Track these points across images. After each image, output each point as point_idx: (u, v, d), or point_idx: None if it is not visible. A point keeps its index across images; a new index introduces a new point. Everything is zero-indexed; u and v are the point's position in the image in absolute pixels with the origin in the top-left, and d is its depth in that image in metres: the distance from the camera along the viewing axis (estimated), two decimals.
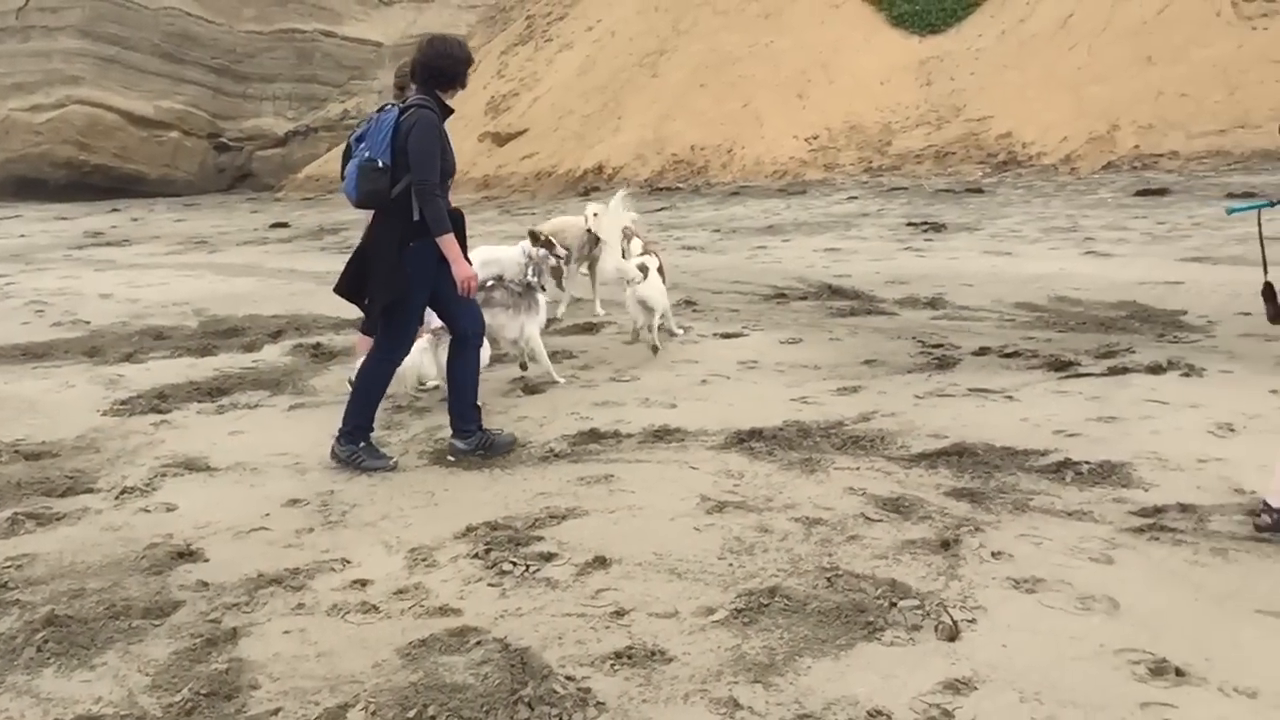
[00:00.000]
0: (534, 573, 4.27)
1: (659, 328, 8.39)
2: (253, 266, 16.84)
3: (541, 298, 7.46)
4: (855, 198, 21.46)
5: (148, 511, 5.27)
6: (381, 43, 51.21)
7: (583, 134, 30.73)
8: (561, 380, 7.53)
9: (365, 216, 6.07)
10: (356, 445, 5.82)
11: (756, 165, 26.68)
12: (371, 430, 5.90)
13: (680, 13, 33.13)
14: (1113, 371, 6.99)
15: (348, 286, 6.00)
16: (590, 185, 27.84)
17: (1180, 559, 4.10)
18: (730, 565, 4.25)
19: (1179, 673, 3.25)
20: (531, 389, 7.43)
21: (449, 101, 5.79)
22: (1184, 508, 4.59)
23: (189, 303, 12.41)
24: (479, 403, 6.01)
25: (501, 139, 31.10)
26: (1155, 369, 6.96)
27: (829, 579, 4.04)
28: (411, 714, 3.24)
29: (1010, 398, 6.56)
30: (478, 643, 3.68)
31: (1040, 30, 26.39)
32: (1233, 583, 3.87)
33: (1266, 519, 4.27)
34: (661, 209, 22.90)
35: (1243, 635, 3.49)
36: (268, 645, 3.77)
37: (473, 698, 3.30)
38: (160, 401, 7.43)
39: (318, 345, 9.32)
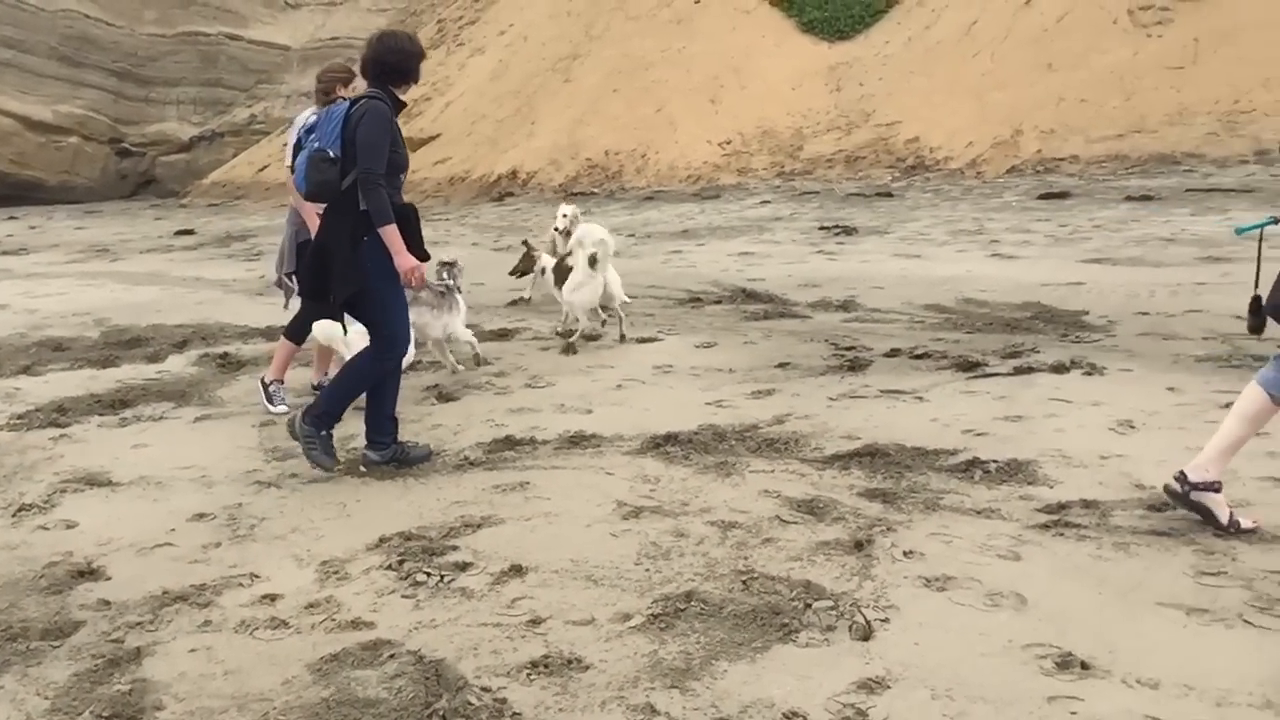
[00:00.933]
0: (449, 583, 4.22)
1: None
2: (157, 275, 16.44)
3: (460, 298, 7.86)
4: (768, 202, 21.69)
5: (46, 529, 5.09)
6: (289, 46, 50.37)
7: (496, 139, 30.59)
8: (492, 362, 7.92)
9: (268, 223, 5.94)
10: (318, 432, 5.65)
11: (670, 170, 26.82)
12: (337, 423, 5.75)
13: (592, 17, 33.18)
14: (1018, 371, 7.15)
15: (310, 287, 5.87)
16: (504, 190, 27.72)
17: (1084, 554, 4.20)
18: (647, 570, 4.25)
19: (1084, 666, 3.32)
20: (446, 396, 7.36)
21: (402, 96, 5.71)
22: (1087, 504, 4.71)
23: (90, 313, 12.07)
24: (396, 414, 5.92)
25: (414, 144, 30.74)
26: (1059, 368, 7.14)
27: (745, 582, 4.05)
28: None
29: (920, 398, 6.67)
30: (391, 656, 3.62)
31: (945, 37, 26.98)
32: (1135, 576, 3.98)
33: (1176, 487, 4.41)
34: None
35: (1144, 627, 3.58)
36: (173, 664, 3.66)
37: (386, 712, 3.24)
38: (59, 415, 7.19)
39: (225, 355, 9.12)
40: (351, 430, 6.51)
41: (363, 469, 5.77)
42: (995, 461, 5.30)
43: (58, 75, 45.70)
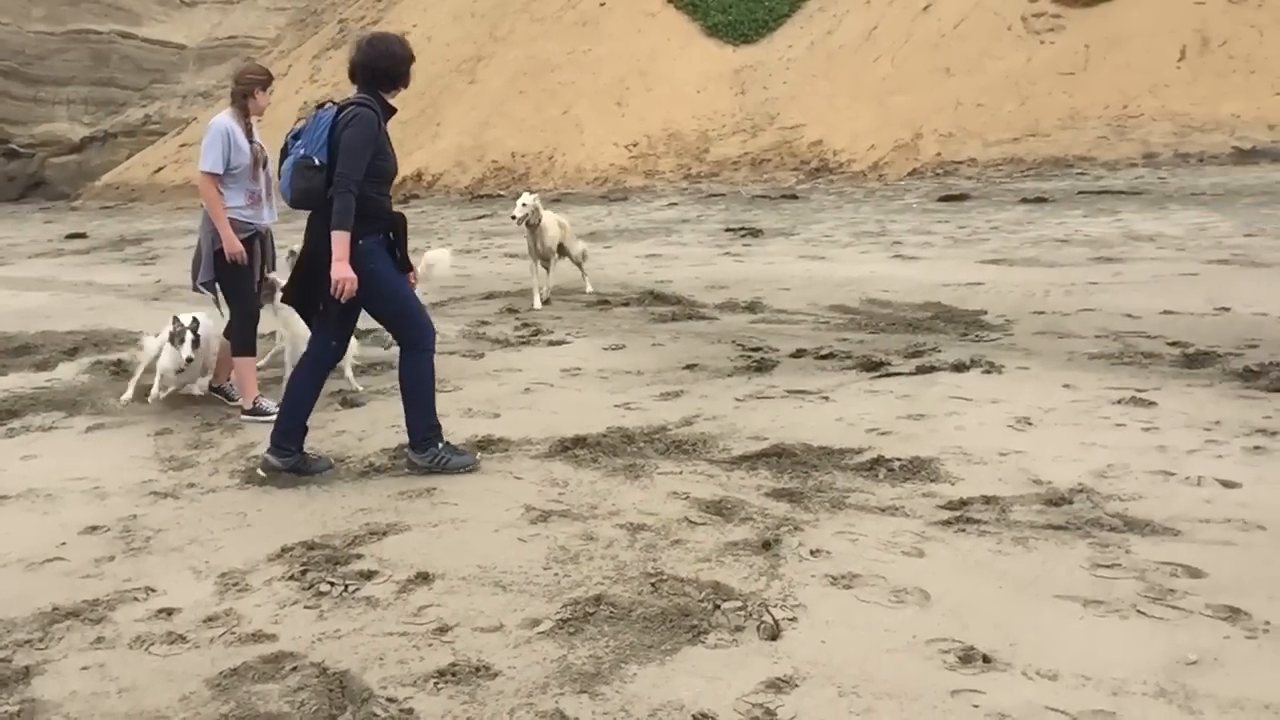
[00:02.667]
0: (353, 592, 4.14)
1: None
2: (46, 280, 15.88)
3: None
4: (675, 204, 21.80)
5: None
6: (185, 45, 49.14)
7: (401, 141, 30.10)
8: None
9: (164, 226, 5.77)
10: (436, 448, 5.59)
11: (578, 172, 26.82)
12: (439, 431, 5.68)
13: (497, 19, 33.01)
14: (920, 370, 7.29)
15: (299, 296, 5.72)
16: (409, 193, 27.40)
17: (985, 549, 4.28)
18: (556, 575, 4.22)
19: (986, 659, 3.38)
20: (350, 402, 7.24)
21: (392, 102, 5.60)
22: (987, 499, 4.80)
23: None
24: (308, 424, 5.77)
25: None
26: (959, 367, 7.29)
27: (654, 584, 4.05)
28: None
29: (826, 398, 6.75)
30: (294, 668, 3.53)
31: (847, 42, 27.42)
32: (1033, 570, 4.07)
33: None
34: (482, 216, 22.73)
35: (1043, 620, 3.66)
36: (64, 683, 3.52)
37: None
38: None
39: (119, 362, 8.83)
40: (251, 438, 6.37)
41: (261, 473, 5.63)
42: (899, 460, 5.38)
43: None
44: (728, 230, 16.77)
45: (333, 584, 4.21)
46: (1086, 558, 4.14)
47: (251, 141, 6.97)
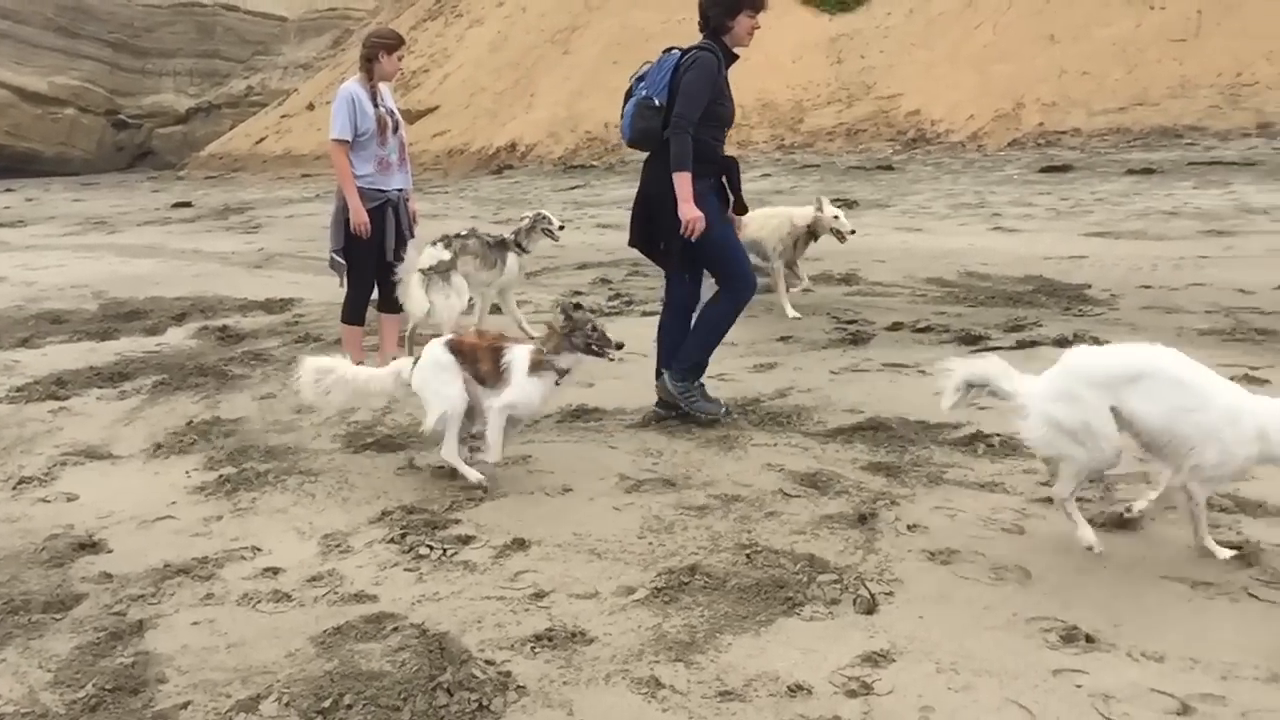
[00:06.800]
0: (451, 556, 4.21)
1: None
2: (154, 247, 16.37)
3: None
4: (769, 174, 21.59)
5: (47, 502, 5.08)
6: (286, 17, 50.04)
7: (495, 111, 30.42)
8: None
9: (266, 196, 5.89)
10: (690, 384, 5.77)
11: None
12: (704, 372, 5.90)
13: None
14: (1021, 345, 7.13)
15: (639, 236, 5.97)
16: (504, 163, 27.61)
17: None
18: (650, 544, 4.24)
19: (1089, 639, 3.31)
20: None
21: (738, 50, 5.78)
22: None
23: (88, 285, 12.03)
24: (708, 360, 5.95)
25: (412, 116, 30.59)
26: (1062, 341, 7.09)
27: (748, 555, 4.04)
28: (327, 704, 3.16)
29: (923, 372, 6.63)
30: (394, 629, 3.61)
31: (947, 9, 26.78)
32: (1138, 550, 3.97)
33: None
34: (575, 187, 22.80)
35: (1148, 601, 3.57)
36: (175, 637, 3.66)
37: (390, 685, 3.23)
38: (58, 388, 7.17)
39: (224, 328, 9.08)
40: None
41: (659, 411, 5.84)
42: (999, 435, 5.28)
43: (54, 46, 45.48)
44: None
45: (431, 548, 4.29)
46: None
47: (377, 106, 6.85)
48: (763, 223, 8.64)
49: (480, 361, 5.01)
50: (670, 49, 5.78)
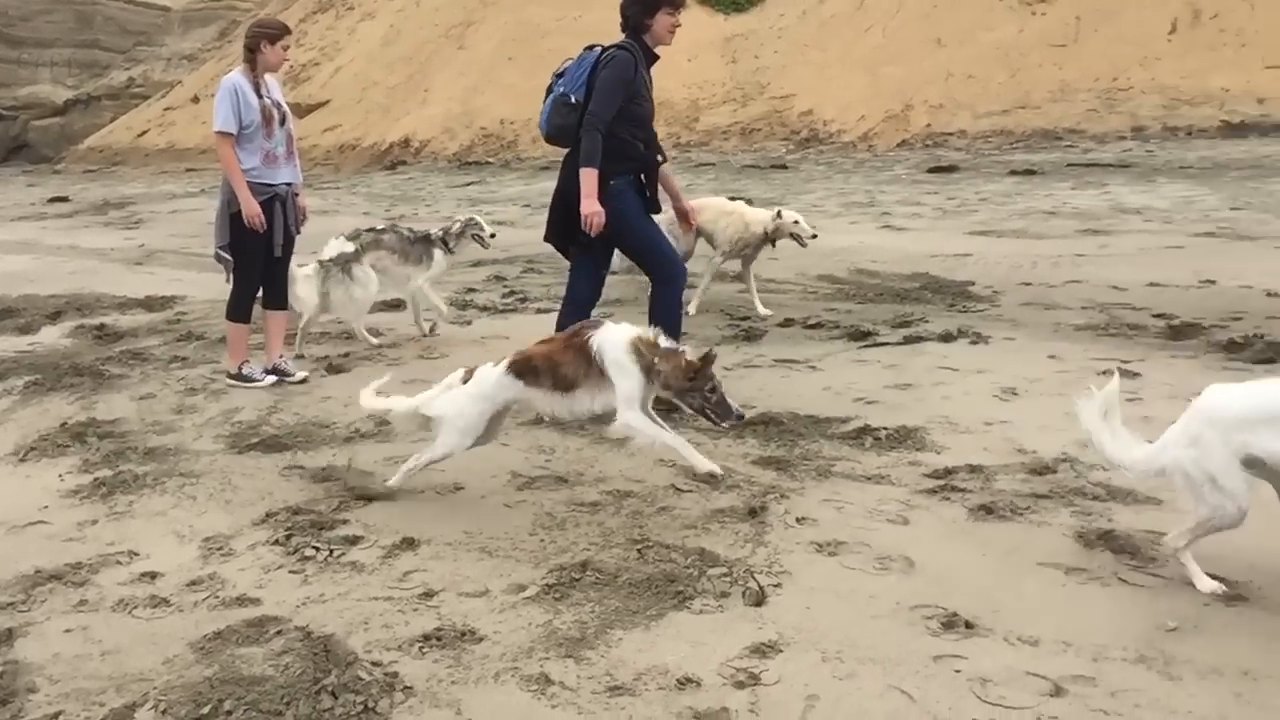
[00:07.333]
0: (338, 557, 4.13)
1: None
2: (29, 244, 15.76)
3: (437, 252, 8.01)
4: None
5: None
6: (169, 7, 48.60)
7: (388, 106, 29.99)
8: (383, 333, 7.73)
9: (148, 191, 5.72)
10: None
11: None
12: None
13: None
14: (908, 340, 7.29)
15: (556, 232, 5.93)
16: (397, 159, 27.24)
17: (969, 517, 4.29)
18: (542, 541, 4.22)
19: (968, 625, 3.40)
20: (335, 368, 7.21)
21: (660, 49, 5.83)
22: (972, 468, 4.82)
23: None
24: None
25: (302, 110, 29.99)
26: (946, 337, 7.30)
27: (639, 551, 4.05)
28: (206, 710, 3.07)
29: (814, 367, 6.75)
30: (278, 632, 3.53)
31: (839, 11, 27.26)
32: (1016, 538, 4.09)
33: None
34: (471, 183, 22.62)
35: (1025, 588, 3.68)
36: (46, 646, 3.51)
37: (272, 689, 3.16)
38: None
39: (102, 326, 8.78)
40: (236, 403, 6.34)
41: None
42: (885, 429, 5.39)
43: None
44: None
45: (318, 549, 4.20)
46: (1069, 526, 4.16)
47: (262, 98, 6.66)
48: (715, 216, 8.69)
49: (559, 366, 4.48)
50: (591, 46, 5.80)
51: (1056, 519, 4.23)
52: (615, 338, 4.45)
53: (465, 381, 4.69)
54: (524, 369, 4.58)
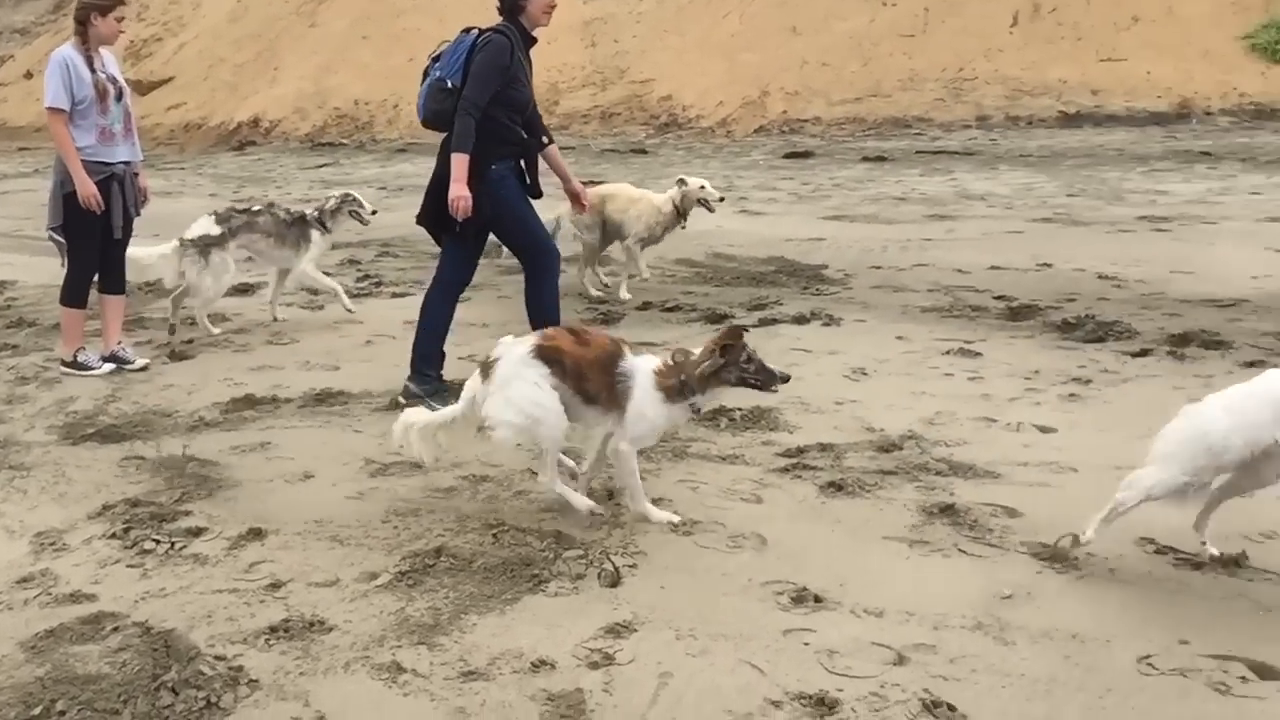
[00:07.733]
0: (180, 550, 3.99)
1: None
2: None
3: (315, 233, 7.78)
4: None
5: None
6: None
7: (236, 84, 28.99)
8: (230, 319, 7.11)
9: None
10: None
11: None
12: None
13: None
14: (763, 323, 7.42)
15: (430, 216, 5.75)
16: (245, 139, 26.38)
17: (820, 495, 4.40)
18: (395, 528, 4.15)
19: (817, 599, 3.49)
20: (178, 354, 6.95)
21: (537, 32, 5.70)
22: (823, 447, 4.94)
23: None
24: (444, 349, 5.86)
25: (144, 87, 28.74)
26: (800, 319, 7.45)
27: (495, 535, 4.02)
28: (37, 711, 2.93)
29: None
30: (115, 629, 3.38)
31: None
32: (864, 513, 4.21)
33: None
34: (324, 165, 22.06)
35: (871, 561, 3.79)
36: None
37: (108, 688, 3.03)
38: None
39: None
40: (71, 392, 6.07)
41: (402, 399, 5.57)
42: (740, 410, 5.47)
43: None
44: None
45: (158, 541, 4.05)
46: (914, 501, 4.30)
47: (95, 72, 6.37)
48: (625, 206, 8.64)
49: (585, 377, 4.19)
50: (469, 29, 5.68)
51: (901, 494, 4.37)
52: (645, 379, 4.18)
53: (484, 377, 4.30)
54: (552, 358, 4.20)
